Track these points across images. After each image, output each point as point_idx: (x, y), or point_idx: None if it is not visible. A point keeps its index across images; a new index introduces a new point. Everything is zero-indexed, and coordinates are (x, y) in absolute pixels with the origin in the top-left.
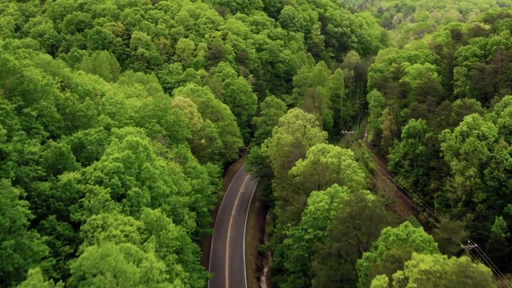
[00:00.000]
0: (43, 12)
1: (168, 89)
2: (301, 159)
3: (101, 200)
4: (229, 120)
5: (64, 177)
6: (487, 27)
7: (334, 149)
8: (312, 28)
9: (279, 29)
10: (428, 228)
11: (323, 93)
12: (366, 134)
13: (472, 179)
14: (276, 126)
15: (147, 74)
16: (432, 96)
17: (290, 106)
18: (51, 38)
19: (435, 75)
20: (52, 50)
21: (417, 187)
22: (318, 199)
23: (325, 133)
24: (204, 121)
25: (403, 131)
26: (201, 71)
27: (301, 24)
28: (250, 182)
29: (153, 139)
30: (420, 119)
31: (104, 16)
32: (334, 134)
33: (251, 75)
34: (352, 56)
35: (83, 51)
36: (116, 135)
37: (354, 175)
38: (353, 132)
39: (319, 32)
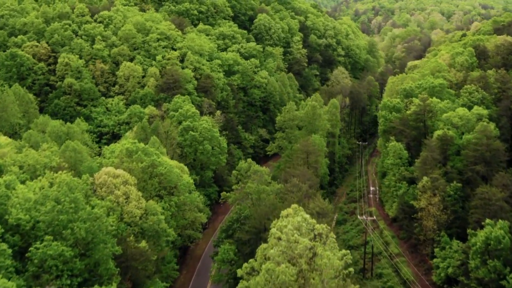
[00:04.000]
0: None
1: (105, 135)
2: None
3: None
4: (187, 194)
5: None
6: None
7: None
8: (292, 40)
9: (253, 44)
10: None
11: (320, 144)
12: (372, 188)
13: None
14: (263, 245)
15: (68, 124)
16: (494, 162)
17: (272, 157)
18: None
19: (492, 126)
20: None
21: None
22: None
23: (346, 254)
24: (146, 202)
25: (475, 241)
26: (150, 109)
27: (279, 37)
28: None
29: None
30: (501, 221)
31: (25, 34)
32: (329, 185)
33: (218, 112)
34: (340, 74)
35: None
36: None
37: None
38: (374, 217)
39: (300, 46)
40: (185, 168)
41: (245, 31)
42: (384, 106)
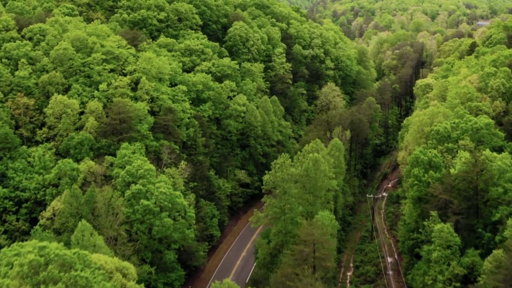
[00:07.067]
0: None
1: (25, 202)
2: None
3: None
4: None
5: None
6: None
7: None
8: (273, 53)
9: (227, 60)
10: None
11: (330, 226)
12: (390, 260)
13: None
14: None
15: None
16: None
17: (255, 203)
18: None
19: None
20: None
21: None
22: None
23: None
24: None
25: None
26: (88, 164)
27: (258, 49)
28: None
29: None
30: None
31: None
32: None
33: (183, 163)
34: (331, 91)
35: None
36: None
37: None
38: None
39: (284, 59)
40: (131, 269)
41: (217, 44)
42: (415, 161)
